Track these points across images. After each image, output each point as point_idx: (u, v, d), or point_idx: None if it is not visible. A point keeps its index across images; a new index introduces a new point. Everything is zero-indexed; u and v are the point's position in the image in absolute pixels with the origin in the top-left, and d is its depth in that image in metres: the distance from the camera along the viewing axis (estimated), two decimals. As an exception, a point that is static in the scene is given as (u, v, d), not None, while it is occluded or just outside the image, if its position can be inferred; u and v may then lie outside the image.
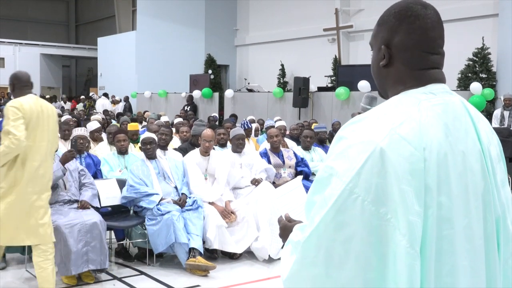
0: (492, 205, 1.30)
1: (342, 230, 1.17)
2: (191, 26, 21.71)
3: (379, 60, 1.38)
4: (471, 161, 1.26)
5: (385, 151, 1.17)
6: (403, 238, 1.14)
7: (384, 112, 1.25)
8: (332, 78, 16.40)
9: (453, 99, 1.32)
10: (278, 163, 6.41)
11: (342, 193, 1.17)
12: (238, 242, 5.40)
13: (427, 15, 1.33)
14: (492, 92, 11.68)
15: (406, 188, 1.15)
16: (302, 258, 1.22)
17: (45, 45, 28.38)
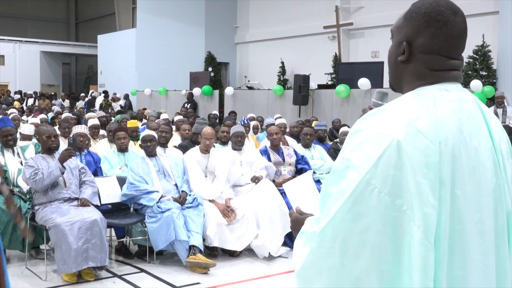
0: (503, 201, 1.31)
1: (359, 221, 1.19)
2: (191, 23, 21.69)
3: (398, 55, 1.39)
4: (483, 157, 1.28)
5: (402, 143, 1.19)
6: (418, 230, 1.16)
7: (401, 106, 1.28)
8: (332, 75, 16.39)
9: (466, 96, 1.34)
10: (278, 160, 6.40)
11: (359, 185, 1.19)
12: (238, 239, 5.40)
13: (455, 22, 1.32)
14: (493, 90, 11.68)
15: (422, 181, 1.17)
16: (318, 248, 1.24)
17: (45, 43, 28.35)
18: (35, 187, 4.78)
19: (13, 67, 26.96)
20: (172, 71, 20.61)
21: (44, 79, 28.11)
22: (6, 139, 5.34)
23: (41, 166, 4.83)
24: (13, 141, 5.41)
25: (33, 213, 4.86)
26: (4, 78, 26.22)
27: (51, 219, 4.54)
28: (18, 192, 5.11)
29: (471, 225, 1.24)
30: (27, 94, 21.91)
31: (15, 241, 4.99)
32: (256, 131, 9.47)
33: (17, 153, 5.43)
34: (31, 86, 25.18)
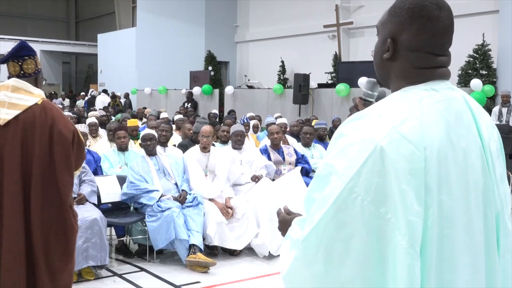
0: (492, 201, 1.29)
1: (342, 229, 1.17)
2: (191, 22, 21.68)
3: (383, 52, 1.35)
4: (472, 158, 1.26)
5: (385, 150, 1.16)
6: (403, 238, 1.13)
7: (386, 109, 1.24)
8: (332, 74, 16.40)
9: (455, 94, 1.31)
10: (278, 159, 6.41)
11: (342, 192, 1.17)
12: (238, 238, 5.41)
13: (440, 18, 1.29)
14: (493, 89, 11.68)
15: (406, 188, 1.15)
16: (302, 256, 1.22)
17: (45, 42, 28.33)
18: None
19: (13, 66, 26.91)
20: (172, 70, 20.61)
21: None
22: None
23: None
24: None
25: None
26: (4, 77, 26.17)
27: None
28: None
29: (460, 228, 1.22)
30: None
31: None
32: (256, 130, 9.47)
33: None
34: (31, 85, 25.14)
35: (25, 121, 2.83)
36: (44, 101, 2.90)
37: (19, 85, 2.90)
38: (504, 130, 8.90)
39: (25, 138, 2.82)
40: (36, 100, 2.88)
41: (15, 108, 2.83)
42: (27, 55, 3.00)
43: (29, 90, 2.91)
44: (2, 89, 2.90)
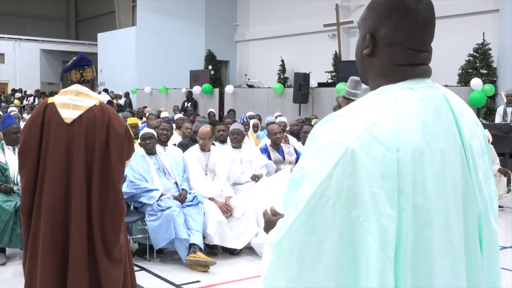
0: (473, 202, 1.26)
1: (314, 233, 1.15)
2: (191, 21, 21.68)
3: (363, 48, 1.32)
4: (451, 158, 1.22)
5: (357, 152, 1.14)
6: (375, 242, 1.11)
7: (359, 110, 1.21)
8: (332, 73, 16.40)
9: (434, 93, 1.27)
10: (278, 159, 6.41)
11: (312, 196, 1.15)
12: (238, 238, 5.41)
13: (418, 10, 1.25)
14: (493, 88, 11.67)
15: (378, 191, 1.12)
16: (276, 260, 1.21)
17: (45, 41, 28.34)
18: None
19: (13, 65, 26.96)
20: (172, 69, 20.61)
21: (44, 77, 28.11)
22: (16, 136, 5.38)
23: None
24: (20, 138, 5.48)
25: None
26: (4, 76, 26.20)
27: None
28: (18, 190, 5.11)
29: (437, 231, 1.19)
30: (27, 93, 21.89)
31: (15, 240, 4.99)
32: (256, 129, 9.47)
33: (17, 151, 5.43)
34: (31, 84, 25.17)
35: (87, 119, 3.40)
36: (101, 103, 3.49)
37: (81, 90, 3.47)
38: (504, 130, 8.89)
39: (88, 133, 3.39)
40: (95, 102, 3.47)
41: (78, 109, 3.42)
42: (86, 64, 3.58)
43: (89, 94, 3.49)
44: (67, 93, 3.48)
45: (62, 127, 3.38)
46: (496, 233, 1.34)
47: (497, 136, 8.11)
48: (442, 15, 14.51)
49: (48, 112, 3.43)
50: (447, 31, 13.82)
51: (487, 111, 12.43)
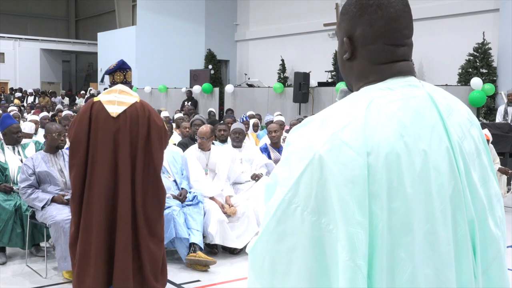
0: (464, 207, 1.19)
1: (284, 241, 1.12)
2: (191, 21, 21.68)
3: (343, 53, 1.29)
4: (436, 160, 1.16)
5: (324, 158, 1.10)
6: (343, 251, 1.07)
7: (330, 115, 1.18)
8: (332, 73, 16.39)
9: (416, 92, 1.21)
10: (278, 158, 6.41)
11: (281, 203, 1.13)
12: (238, 237, 5.41)
13: (390, 3, 1.22)
14: (493, 87, 11.68)
15: (346, 197, 1.08)
16: (251, 267, 1.20)
17: (45, 40, 28.35)
18: (21, 196, 4.84)
19: (13, 65, 26.97)
20: (172, 69, 20.62)
21: (44, 77, 28.11)
22: (17, 135, 5.39)
23: (38, 168, 4.82)
24: (21, 138, 5.50)
25: (33, 211, 4.85)
26: (4, 75, 26.22)
27: (51, 217, 4.55)
28: (18, 189, 5.10)
29: (419, 237, 1.12)
30: (27, 92, 21.90)
31: (15, 239, 4.99)
32: (256, 128, 9.48)
33: (17, 151, 5.43)
34: (31, 83, 25.19)
35: (131, 114, 3.95)
36: (141, 100, 4.09)
37: (123, 89, 4.06)
38: (504, 129, 8.89)
39: (132, 125, 3.93)
40: (136, 99, 4.04)
41: (122, 105, 3.97)
42: (128, 68, 4.23)
43: (130, 93, 4.08)
44: (111, 92, 4.04)
45: (109, 120, 3.91)
46: (497, 240, 1.26)
47: (497, 136, 8.11)
48: (442, 14, 14.51)
49: (95, 108, 3.94)
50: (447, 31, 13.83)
51: (487, 110, 12.44)
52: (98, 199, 3.84)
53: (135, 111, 3.97)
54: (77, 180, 3.90)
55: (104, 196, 3.85)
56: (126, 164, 3.89)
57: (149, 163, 3.97)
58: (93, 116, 3.93)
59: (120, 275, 3.83)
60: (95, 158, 3.88)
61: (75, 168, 3.91)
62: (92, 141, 3.90)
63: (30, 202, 4.74)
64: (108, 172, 3.87)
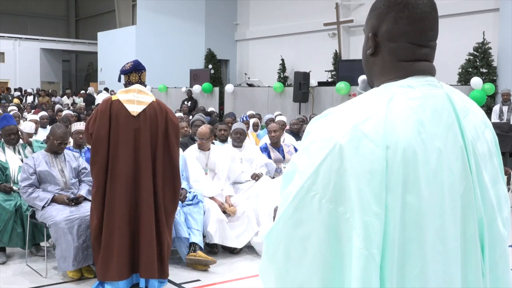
0: (474, 206, 1.22)
1: (300, 227, 1.15)
2: (191, 20, 21.67)
3: (367, 49, 1.33)
4: (450, 159, 1.20)
5: (345, 148, 1.13)
6: (358, 239, 1.10)
7: (351, 107, 1.21)
8: (332, 73, 16.39)
9: (435, 92, 1.25)
10: (279, 158, 6.41)
11: (300, 190, 1.16)
12: (238, 237, 5.41)
13: (418, 4, 1.25)
14: (493, 87, 11.67)
15: (364, 188, 1.11)
16: (265, 253, 1.22)
17: (45, 40, 28.33)
18: (21, 195, 4.83)
19: (13, 64, 26.96)
20: (172, 68, 20.61)
21: (44, 77, 28.10)
22: (9, 137, 5.34)
23: (39, 167, 4.82)
24: (16, 140, 5.41)
25: (33, 211, 4.85)
26: (4, 75, 26.21)
27: (51, 217, 4.54)
28: (19, 189, 5.10)
29: (430, 233, 1.16)
30: (27, 92, 21.89)
31: (15, 239, 4.99)
32: (256, 128, 9.48)
33: (17, 150, 5.43)
34: (31, 83, 25.18)
35: (149, 112, 4.26)
36: (157, 100, 4.39)
37: (141, 89, 4.36)
38: (504, 129, 8.89)
39: (151, 123, 4.24)
40: (153, 99, 4.36)
41: (141, 104, 4.26)
42: (143, 69, 4.51)
43: (147, 92, 4.40)
44: (129, 92, 4.31)
45: (129, 119, 4.19)
46: (505, 240, 1.29)
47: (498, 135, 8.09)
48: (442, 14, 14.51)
49: (114, 107, 4.20)
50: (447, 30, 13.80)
51: (487, 110, 12.42)
52: (120, 194, 4.14)
53: (154, 110, 4.27)
54: (99, 177, 4.17)
55: (127, 191, 4.16)
56: (147, 160, 4.20)
57: (168, 157, 4.30)
58: (113, 114, 4.18)
59: (146, 264, 4.18)
60: (116, 155, 4.15)
61: (98, 165, 4.18)
62: (112, 139, 4.15)
63: (30, 201, 4.74)
64: (129, 168, 4.16)
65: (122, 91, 4.35)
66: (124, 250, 4.16)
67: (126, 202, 4.16)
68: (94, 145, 4.19)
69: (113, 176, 4.15)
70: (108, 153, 4.15)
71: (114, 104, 4.22)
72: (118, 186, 4.14)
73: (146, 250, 4.18)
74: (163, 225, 4.28)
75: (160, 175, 4.25)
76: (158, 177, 4.24)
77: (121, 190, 4.15)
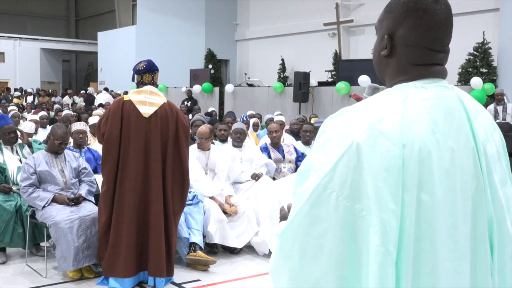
0: (484, 205, 1.24)
1: (316, 225, 1.16)
2: (191, 20, 21.67)
3: (381, 49, 1.33)
4: (462, 159, 1.22)
5: (362, 146, 1.14)
6: (375, 236, 1.11)
7: (367, 106, 1.22)
8: (332, 72, 16.39)
9: (447, 93, 1.27)
10: (279, 157, 6.41)
11: (316, 188, 1.16)
12: (238, 236, 5.41)
13: (436, 10, 1.26)
14: (493, 87, 11.68)
15: (381, 185, 1.12)
16: (280, 250, 1.23)
17: (45, 40, 28.33)
18: (22, 195, 4.82)
19: (13, 64, 26.95)
20: (172, 68, 20.58)
21: (44, 76, 28.10)
22: (9, 136, 5.34)
23: (39, 167, 4.82)
24: (15, 139, 5.41)
25: (33, 211, 4.85)
26: (4, 75, 26.21)
27: (51, 217, 4.54)
28: (18, 190, 5.10)
29: (442, 231, 1.18)
30: (27, 92, 21.89)
31: (16, 239, 4.99)
32: (256, 128, 9.48)
33: (15, 150, 5.42)
34: (31, 83, 25.17)
35: (161, 114, 4.34)
36: (168, 101, 4.50)
37: (153, 90, 4.48)
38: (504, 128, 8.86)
39: (162, 125, 4.32)
40: (164, 100, 4.45)
41: (153, 106, 4.35)
42: (156, 69, 4.65)
43: (159, 94, 4.49)
44: (141, 93, 4.42)
45: (141, 120, 4.27)
46: None
47: (498, 135, 8.11)
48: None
49: (126, 108, 4.28)
50: (447, 30, 13.76)
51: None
52: (130, 195, 4.24)
53: (165, 112, 4.36)
54: (110, 177, 4.26)
55: (136, 190, 4.25)
56: (157, 161, 4.27)
57: (177, 158, 4.37)
58: (125, 115, 4.25)
59: (156, 264, 4.27)
60: (127, 155, 4.24)
61: (109, 164, 4.26)
62: (123, 139, 4.23)
63: (31, 201, 4.74)
64: (139, 168, 4.25)
65: (134, 92, 4.45)
66: (131, 249, 4.24)
67: (135, 201, 4.25)
68: (106, 145, 4.28)
69: (123, 175, 4.24)
70: (119, 152, 4.25)
71: (126, 105, 4.30)
72: (127, 186, 4.23)
73: (155, 250, 4.25)
74: (171, 225, 4.38)
75: (169, 176, 4.33)
76: (167, 178, 4.32)
77: (131, 189, 4.23)
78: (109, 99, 19.32)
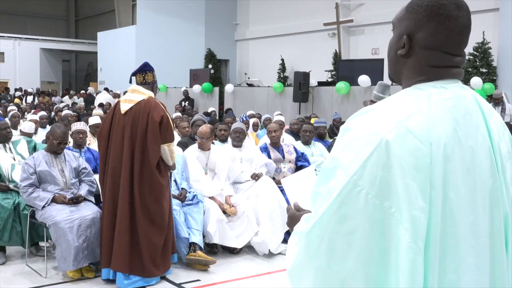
0: (500, 202, 1.27)
1: (345, 222, 1.16)
2: (191, 20, 21.66)
3: (398, 48, 1.34)
4: (480, 157, 1.24)
5: (391, 144, 1.15)
6: (406, 233, 1.12)
7: (393, 104, 1.23)
8: (332, 72, 16.39)
9: (465, 93, 1.29)
10: (278, 157, 6.40)
11: (346, 185, 1.16)
12: (238, 236, 5.40)
13: (458, 17, 1.27)
14: (493, 87, 11.68)
15: (411, 183, 1.14)
16: (306, 249, 1.22)
17: (45, 40, 28.32)
18: (22, 195, 4.82)
19: (13, 64, 26.95)
20: (172, 68, 20.59)
21: (44, 76, 28.09)
22: (5, 131, 5.36)
23: (39, 167, 4.82)
24: (11, 134, 5.48)
25: (33, 211, 4.85)
26: (4, 75, 26.21)
27: (51, 217, 4.54)
28: (15, 187, 5.10)
29: (464, 228, 1.20)
30: (27, 92, 21.89)
31: (15, 237, 4.99)
32: (256, 128, 9.48)
33: (9, 148, 5.41)
34: (31, 83, 25.17)
35: (135, 110, 4.44)
36: (149, 98, 4.51)
37: (136, 88, 4.63)
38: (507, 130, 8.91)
39: (134, 121, 4.42)
40: (144, 97, 4.50)
41: (130, 103, 4.49)
42: (148, 70, 4.75)
43: (141, 92, 4.58)
44: (128, 91, 4.65)
45: (120, 116, 4.46)
46: None
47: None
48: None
49: (117, 106, 4.56)
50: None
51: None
52: (109, 188, 4.45)
53: (139, 108, 4.43)
54: (102, 170, 4.59)
55: (113, 186, 4.44)
56: (127, 157, 4.41)
57: (145, 157, 4.40)
58: (116, 113, 4.53)
59: (116, 257, 4.36)
60: (110, 150, 4.49)
61: (100, 158, 4.62)
62: (111, 135, 4.51)
63: (31, 201, 4.73)
64: (116, 164, 4.44)
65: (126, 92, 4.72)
66: (106, 242, 4.45)
67: (110, 196, 4.46)
68: (97, 140, 4.66)
69: (107, 171, 4.51)
70: (108, 147, 4.54)
71: (118, 104, 4.60)
72: (108, 181, 4.48)
73: (117, 244, 4.38)
74: (142, 224, 4.41)
75: (137, 174, 4.40)
76: (135, 176, 4.41)
77: (109, 184, 4.47)
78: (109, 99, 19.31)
